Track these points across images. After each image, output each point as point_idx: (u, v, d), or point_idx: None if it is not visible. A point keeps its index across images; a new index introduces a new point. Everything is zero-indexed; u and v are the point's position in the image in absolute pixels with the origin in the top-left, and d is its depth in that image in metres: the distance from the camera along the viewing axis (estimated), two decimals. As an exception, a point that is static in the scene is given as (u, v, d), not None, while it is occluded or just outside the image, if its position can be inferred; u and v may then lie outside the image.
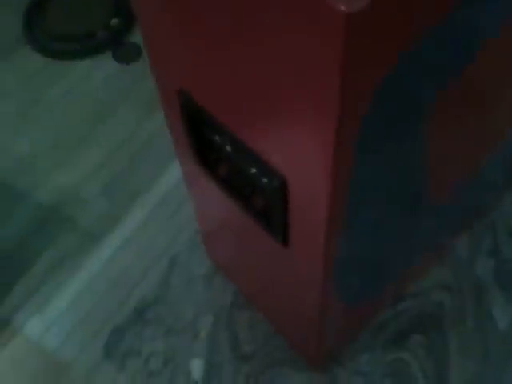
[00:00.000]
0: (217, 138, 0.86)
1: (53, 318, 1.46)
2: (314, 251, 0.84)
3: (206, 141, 0.90)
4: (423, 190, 0.94)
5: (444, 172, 0.96)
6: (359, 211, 0.81)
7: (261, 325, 1.27)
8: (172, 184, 1.61)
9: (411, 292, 1.31)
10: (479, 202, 1.30)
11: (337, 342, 1.18)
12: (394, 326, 1.26)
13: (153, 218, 1.55)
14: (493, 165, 1.14)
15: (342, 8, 0.52)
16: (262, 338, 1.25)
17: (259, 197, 0.88)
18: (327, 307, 0.97)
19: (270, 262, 1.01)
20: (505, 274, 1.32)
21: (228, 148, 0.85)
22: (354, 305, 1.07)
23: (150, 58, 0.90)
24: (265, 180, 0.80)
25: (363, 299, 1.11)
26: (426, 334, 1.25)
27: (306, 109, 0.64)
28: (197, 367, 1.22)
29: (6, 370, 1.43)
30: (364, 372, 1.21)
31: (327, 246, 0.81)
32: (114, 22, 1.92)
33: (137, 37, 1.91)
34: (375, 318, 1.26)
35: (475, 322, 1.27)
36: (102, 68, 1.92)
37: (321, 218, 0.76)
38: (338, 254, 0.86)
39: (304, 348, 1.15)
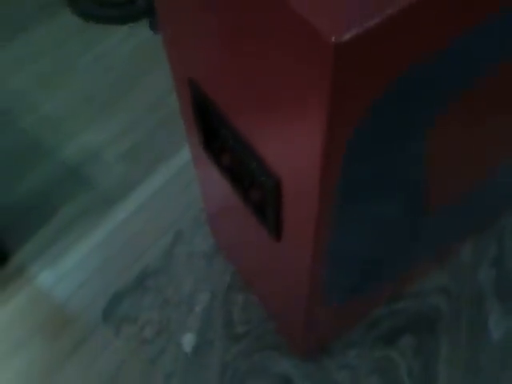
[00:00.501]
0: (222, 129, 0.87)
1: (61, 274, 1.52)
2: (303, 249, 0.86)
3: (212, 129, 0.92)
4: (420, 199, 0.94)
5: (444, 184, 0.96)
6: (349, 217, 0.82)
7: (255, 308, 1.29)
8: (189, 158, 1.64)
9: (409, 292, 1.31)
10: (485, 212, 1.28)
11: (327, 335, 1.20)
12: (388, 323, 1.27)
13: (166, 189, 1.59)
14: (498, 178, 1.13)
15: (332, 38, 0.52)
16: (255, 321, 1.28)
17: (257, 190, 0.89)
18: (314, 301, 0.99)
19: (264, 252, 1.03)
20: (505, 285, 1.31)
21: (231, 141, 0.86)
22: (344, 301, 1.08)
23: (164, 44, 0.91)
24: (262, 177, 0.81)
25: (355, 297, 1.12)
26: (418, 336, 1.26)
27: (298, 121, 0.65)
28: (188, 340, 1.26)
29: (15, 315, 1.50)
30: (351, 365, 1.23)
31: (316, 246, 0.83)
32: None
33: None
34: (370, 314, 1.28)
35: (469, 331, 1.27)
36: (138, 36, 1.94)
37: (311, 219, 0.78)
38: (328, 254, 0.87)
39: (292, 336, 1.18)
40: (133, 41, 1.94)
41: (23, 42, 2.07)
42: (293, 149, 0.70)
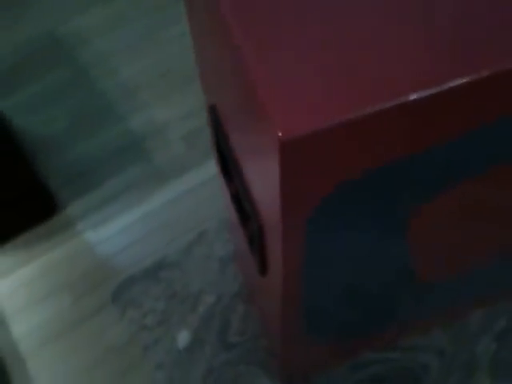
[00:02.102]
0: (230, 162, 0.92)
1: (101, 237, 1.65)
2: (278, 291, 0.90)
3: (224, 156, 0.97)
4: (408, 272, 0.96)
5: (434, 262, 0.96)
6: (322, 279, 0.85)
7: (253, 322, 1.35)
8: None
9: (404, 344, 1.32)
10: (491, 288, 1.26)
11: (309, 367, 1.24)
12: (374, 369, 1.29)
13: (214, 181, 1.64)
14: (498, 262, 1.11)
15: (279, 134, 0.57)
16: (249, 334, 1.34)
17: (250, 227, 0.94)
18: (290, 338, 1.03)
19: (257, 277, 1.08)
20: (501, 362, 1.29)
21: (234, 174, 0.91)
22: (327, 342, 1.12)
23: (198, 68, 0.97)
24: (250, 217, 0.86)
25: (340, 340, 1.15)
26: (401, 390, 1.28)
27: (266, 188, 0.69)
28: (183, 337, 1.34)
29: (52, 266, 1.64)
30: (328, 400, 1.26)
31: (286, 295, 0.87)
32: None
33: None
34: (359, 356, 1.30)
35: (452, 398, 1.27)
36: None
37: (280, 273, 0.82)
38: (303, 299, 0.91)
39: (275, 358, 1.23)
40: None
41: (123, 2, 2.18)
42: (267, 205, 0.74)
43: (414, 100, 0.60)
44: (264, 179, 0.69)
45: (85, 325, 1.48)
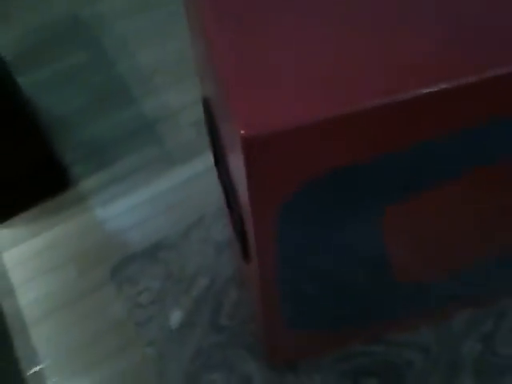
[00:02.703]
0: (219, 154, 0.96)
1: (110, 215, 1.70)
2: (257, 278, 0.94)
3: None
4: (384, 268, 0.98)
5: (412, 259, 0.98)
6: (296, 268, 0.88)
7: (244, 307, 1.39)
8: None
9: (391, 339, 1.34)
10: (479, 290, 1.28)
11: (294, 354, 1.28)
12: (359, 361, 1.32)
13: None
14: (487, 265, 1.13)
15: (242, 131, 0.60)
16: (240, 319, 1.38)
17: (234, 216, 0.97)
18: (270, 323, 1.06)
19: (243, 263, 1.11)
20: (486, 363, 1.30)
21: (221, 166, 0.95)
22: (308, 330, 1.15)
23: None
24: (234, 206, 0.90)
25: (324, 329, 1.18)
26: (383, 382, 1.30)
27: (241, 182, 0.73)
28: (176, 317, 1.39)
29: (60, 239, 1.70)
30: (311, 387, 1.30)
31: (263, 283, 0.91)
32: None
33: None
34: (345, 348, 1.33)
35: (434, 395, 1.29)
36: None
37: (255, 261, 0.85)
38: (280, 287, 0.95)
39: (261, 343, 1.26)
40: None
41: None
42: (242, 197, 0.78)
43: (375, 106, 0.63)
44: (238, 172, 0.72)
45: (87, 298, 1.54)
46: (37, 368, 1.43)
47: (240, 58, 0.66)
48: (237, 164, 0.70)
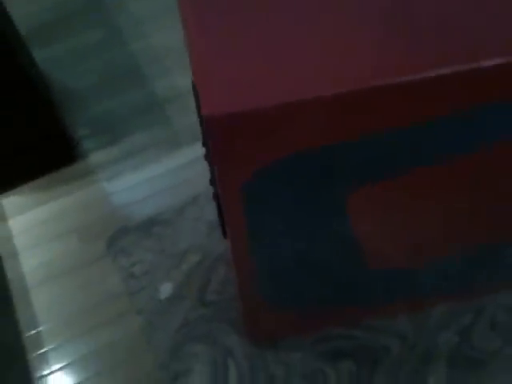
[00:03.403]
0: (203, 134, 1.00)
1: (115, 190, 1.77)
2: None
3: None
4: (355, 253, 1.02)
5: (383, 247, 1.02)
6: (266, 246, 0.93)
7: (231, 284, 1.44)
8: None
9: (370, 325, 1.38)
10: (458, 283, 1.31)
11: (274, 332, 1.33)
12: (337, 343, 1.37)
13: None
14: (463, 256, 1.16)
15: (204, 111, 0.65)
16: (226, 295, 1.43)
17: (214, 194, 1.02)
18: (247, 300, 1.12)
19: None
20: (461, 356, 1.34)
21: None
22: (282, 308, 1.20)
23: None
24: (213, 185, 0.95)
25: (301, 310, 1.23)
26: (359, 365, 1.35)
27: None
28: (165, 289, 1.45)
29: (65, 210, 1.77)
30: (289, 365, 1.35)
31: (237, 258, 0.96)
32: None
33: None
34: (325, 330, 1.37)
35: (407, 381, 1.33)
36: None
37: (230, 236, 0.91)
38: (254, 265, 1.00)
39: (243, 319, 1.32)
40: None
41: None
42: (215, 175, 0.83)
43: (328, 97, 0.67)
44: (209, 150, 0.77)
45: (88, 267, 1.61)
46: (35, 331, 1.50)
47: (210, 43, 0.71)
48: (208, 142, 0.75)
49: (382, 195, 0.90)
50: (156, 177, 1.81)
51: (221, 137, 0.71)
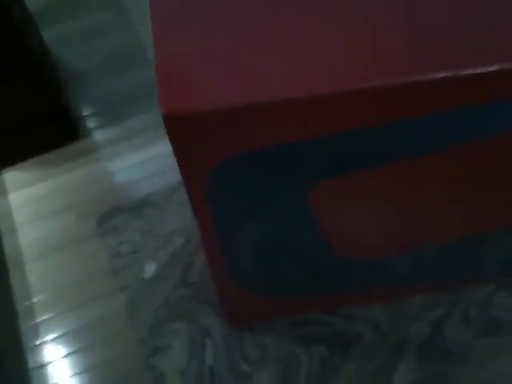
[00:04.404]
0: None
1: (115, 169, 1.82)
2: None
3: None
4: (317, 241, 1.06)
5: (351, 237, 1.06)
6: (232, 232, 0.98)
7: (213, 267, 1.49)
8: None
9: (345, 312, 1.43)
10: (434, 275, 1.34)
11: (249, 315, 1.38)
12: (312, 329, 1.41)
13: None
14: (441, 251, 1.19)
15: (163, 110, 0.69)
16: (208, 277, 1.48)
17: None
18: (220, 282, 1.17)
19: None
20: (431, 346, 1.37)
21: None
22: (255, 293, 1.24)
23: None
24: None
25: (276, 294, 1.27)
26: (331, 351, 1.39)
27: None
28: (150, 269, 1.50)
29: (64, 187, 1.82)
30: (264, 347, 1.40)
31: (205, 240, 1.01)
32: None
33: None
34: (302, 315, 1.42)
35: (376, 368, 1.37)
36: None
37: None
38: (222, 249, 1.04)
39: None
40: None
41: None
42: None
43: (286, 100, 0.71)
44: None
45: (82, 243, 1.67)
46: (28, 302, 1.57)
47: (172, 45, 0.74)
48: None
49: (346, 188, 0.93)
50: (154, 158, 1.86)
51: (178, 134, 0.75)
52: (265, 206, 0.93)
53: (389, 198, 1.00)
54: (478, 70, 0.74)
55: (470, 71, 0.74)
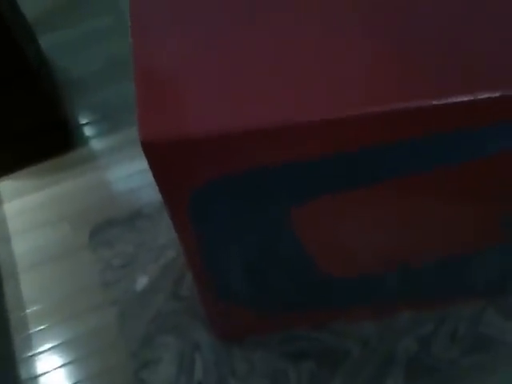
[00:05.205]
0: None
1: (112, 179, 1.83)
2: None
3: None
4: (301, 260, 1.07)
5: (335, 255, 1.07)
6: (217, 245, 0.99)
7: (204, 281, 1.50)
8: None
9: (335, 328, 1.43)
10: (420, 292, 1.35)
11: (237, 329, 1.39)
12: (300, 344, 1.42)
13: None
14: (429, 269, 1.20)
15: (141, 137, 0.71)
16: (199, 291, 1.49)
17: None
18: (204, 297, 1.18)
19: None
20: (419, 363, 1.38)
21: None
22: (242, 309, 1.25)
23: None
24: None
25: (262, 309, 1.28)
26: (320, 367, 1.40)
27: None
28: (142, 281, 1.52)
29: (60, 196, 1.83)
30: (252, 363, 1.41)
31: (189, 259, 1.02)
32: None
33: None
34: (291, 331, 1.43)
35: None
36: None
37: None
38: (206, 267, 1.05)
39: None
40: None
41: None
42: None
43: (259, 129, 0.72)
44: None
45: (77, 254, 1.68)
46: (22, 313, 1.59)
47: (153, 62, 0.75)
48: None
49: (329, 209, 0.94)
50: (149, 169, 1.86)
51: (157, 160, 0.76)
52: (247, 227, 0.94)
53: (374, 217, 1.01)
54: (471, 98, 0.74)
55: (460, 99, 0.74)
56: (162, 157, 0.75)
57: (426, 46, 0.78)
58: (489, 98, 0.74)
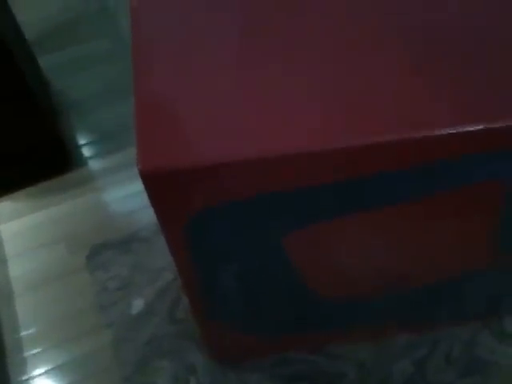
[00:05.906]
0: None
1: (109, 200, 1.84)
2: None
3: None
4: (295, 284, 1.08)
5: (329, 279, 1.08)
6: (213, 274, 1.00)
7: (200, 303, 1.50)
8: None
9: (330, 351, 1.43)
10: (416, 314, 1.35)
11: (233, 352, 1.39)
12: (295, 367, 1.42)
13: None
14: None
15: (139, 166, 0.72)
16: (194, 313, 1.49)
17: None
18: (199, 320, 1.18)
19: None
20: (414, 386, 1.38)
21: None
22: (238, 332, 1.26)
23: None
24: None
25: (257, 334, 1.29)
26: (315, 390, 1.40)
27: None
28: (137, 305, 1.52)
29: (56, 218, 1.83)
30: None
31: (184, 280, 1.03)
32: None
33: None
34: (286, 354, 1.43)
35: (360, 407, 1.38)
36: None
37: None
38: (201, 288, 1.06)
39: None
40: None
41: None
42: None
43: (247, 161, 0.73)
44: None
45: (73, 277, 1.68)
46: (17, 336, 1.58)
47: (154, 88, 0.77)
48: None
49: (323, 235, 0.95)
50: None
51: (155, 188, 0.77)
52: (241, 253, 0.95)
53: (367, 243, 1.01)
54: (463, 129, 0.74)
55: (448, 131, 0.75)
56: (160, 185, 0.76)
57: (436, 68, 0.79)
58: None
